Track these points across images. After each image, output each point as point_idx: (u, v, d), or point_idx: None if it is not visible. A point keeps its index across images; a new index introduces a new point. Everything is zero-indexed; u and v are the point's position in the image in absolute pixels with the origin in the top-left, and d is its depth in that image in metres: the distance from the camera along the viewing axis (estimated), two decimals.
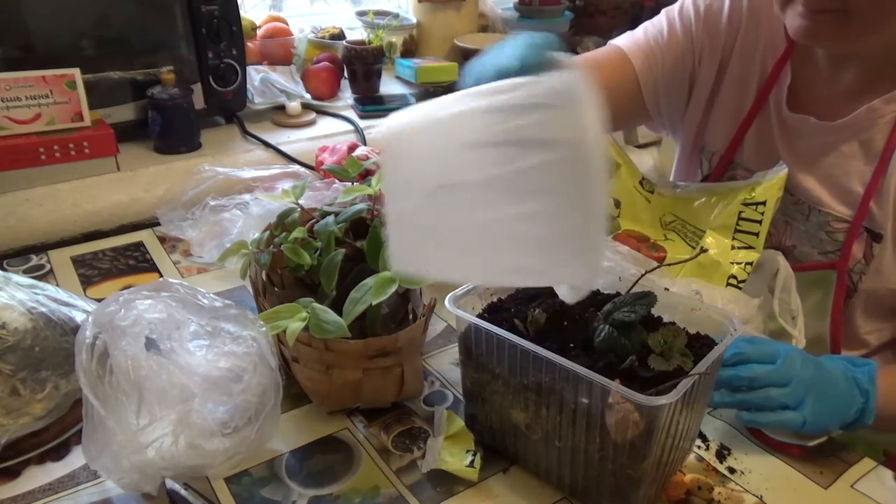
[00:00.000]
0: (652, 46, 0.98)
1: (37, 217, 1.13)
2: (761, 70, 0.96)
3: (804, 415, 0.70)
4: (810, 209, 0.93)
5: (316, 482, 0.70)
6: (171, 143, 1.28)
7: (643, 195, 1.01)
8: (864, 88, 0.89)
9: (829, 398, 0.71)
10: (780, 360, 0.71)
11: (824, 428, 0.72)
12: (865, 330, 0.95)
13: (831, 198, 0.91)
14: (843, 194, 0.90)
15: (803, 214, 0.94)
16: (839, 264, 0.90)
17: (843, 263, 0.90)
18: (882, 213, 0.88)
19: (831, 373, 0.73)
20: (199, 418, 0.65)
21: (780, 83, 0.94)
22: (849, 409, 0.72)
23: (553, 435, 0.66)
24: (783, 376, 0.71)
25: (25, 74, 1.11)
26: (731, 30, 0.97)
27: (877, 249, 0.89)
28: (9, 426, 0.70)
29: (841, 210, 0.91)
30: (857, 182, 0.89)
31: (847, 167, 0.90)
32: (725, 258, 0.90)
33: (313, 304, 0.71)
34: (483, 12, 1.94)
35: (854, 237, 0.89)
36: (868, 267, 0.90)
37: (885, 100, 0.86)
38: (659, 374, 0.61)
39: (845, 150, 0.90)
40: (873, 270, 0.90)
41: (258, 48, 1.60)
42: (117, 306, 0.65)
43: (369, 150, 1.21)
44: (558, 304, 0.71)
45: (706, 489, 0.70)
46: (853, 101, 0.89)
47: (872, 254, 0.89)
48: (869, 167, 0.88)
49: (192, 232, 1.08)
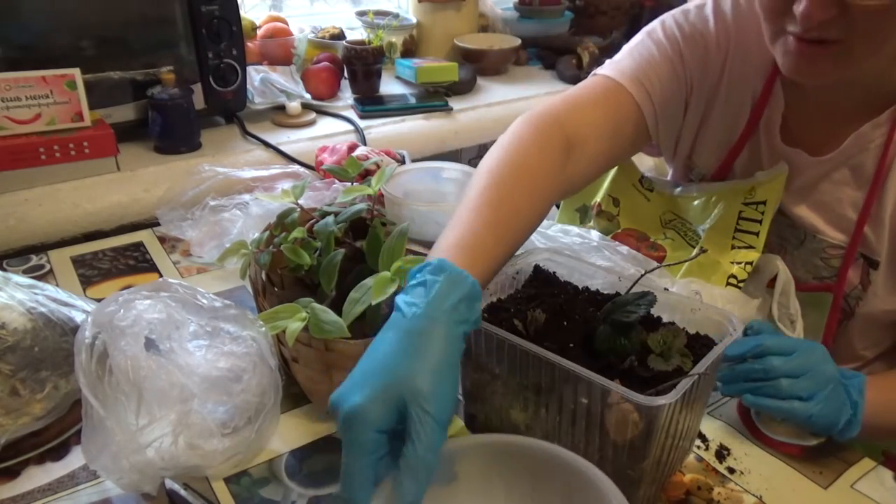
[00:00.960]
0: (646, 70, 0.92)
1: (37, 217, 1.13)
2: (753, 94, 0.93)
3: (812, 408, 0.69)
4: (805, 234, 0.92)
5: (316, 482, 0.70)
6: (171, 143, 1.28)
7: (642, 193, 1.01)
8: (855, 115, 0.86)
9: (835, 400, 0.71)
10: (798, 353, 0.70)
11: (827, 426, 0.71)
12: (862, 346, 0.94)
13: (825, 224, 0.90)
14: (836, 220, 0.89)
15: (798, 239, 0.93)
16: (835, 287, 0.89)
17: (840, 287, 0.89)
18: (878, 239, 0.86)
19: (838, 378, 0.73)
20: (198, 418, 0.65)
21: (772, 108, 0.92)
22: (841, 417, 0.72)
23: (553, 435, 0.66)
24: (798, 367, 0.70)
25: (25, 74, 1.11)
26: (720, 52, 0.92)
27: (874, 276, 0.87)
28: (8, 426, 0.70)
29: (836, 236, 0.89)
30: (850, 208, 0.88)
31: (839, 194, 0.88)
32: (725, 258, 0.90)
33: (313, 304, 0.71)
34: (483, 12, 1.94)
35: (850, 263, 0.87)
36: (865, 292, 0.89)
37: (872, 125, 0.84)
38: (659, 375, 0.61)
39: (836, 178, 0.88)
40: (871, 295, 0.88)
41: (258, 48, 1.60)
42: (117, 306, 0.65)
43: (369, 149, 1.21)
44: (558, 304, 0.71)
45: (706, 489, 0.70)
46: (845, 129, 0.87)
47: (870, 280, 0.88)
48: (861, 192, 0.87)
49: (192, 232, 1.08)
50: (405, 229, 0.76)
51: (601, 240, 0.92)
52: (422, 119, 1.54)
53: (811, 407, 0.69)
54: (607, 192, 0.99)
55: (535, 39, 1.95)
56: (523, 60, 1.93)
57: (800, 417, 0.69)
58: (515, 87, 1.76)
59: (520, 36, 1.89)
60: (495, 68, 1.83)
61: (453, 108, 1.58)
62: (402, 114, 1.53)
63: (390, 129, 1.48)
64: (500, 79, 1.82)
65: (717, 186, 0.95)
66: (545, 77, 1.85)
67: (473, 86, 1.71)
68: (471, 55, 1.79)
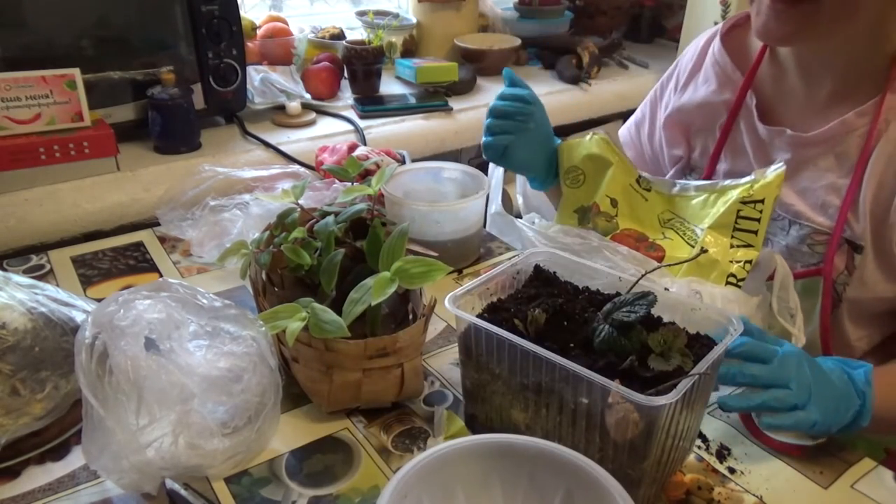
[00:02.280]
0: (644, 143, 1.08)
1: (37, 217, 1.13)
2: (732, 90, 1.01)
3: (813, 414, 0.70)
4: (790, 223, 0.94)
5: (316, 482, 0.70)
6: (171, 143, 1.28)
7: (640, 193, 1.01)
8: (836, 101, 0.90)
9: (827, 399, 0.71)
10: (776, 361, 0.71)
11: (828, 428, 0.72)
12: (854, 337, 0.95)
13: (810, 210, 0.93)
14: (821, 206, 0.92)
15: (783, 229, 0.95)
16: (824, 270, 0.91)
17: (828, 270, 0.91)
18: (860, 225, 0.89)
19: (828, 374, 0.73)
20: (198, 418, 0.65)
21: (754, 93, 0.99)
22: (847, 410, 0.72)
23: (553, 435, 0.66)
24: (779, 377, 0.71)
25: (25, 74, 1.11)
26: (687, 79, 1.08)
27: (858, 260, 0.90)
28: (9, 426, 0.70)
29: (821, 222, 0.92)
30: (834, 194, 0.90)
31: (823, 180, 0.91)
32: (724, 257, 0.90)
33: (313, 304, 0.71)
34: (483, 12, 1.94)
35: (835, 248, 0.90)
36: (851, 277, 0.91)
37: (857, 113, 0.88)
38: (659, 374, 0.61)
39: (821, 164, 0.92)
40: (857, 280, 0.90)
41: (258, 48, 1.60)
42: (117, 306, 0.65)
43: (369, 149, 1.21)
44: (558, 304, 0.71)
45: (706, 489, 0.70)
46: (826, 115, 0.91)
47: (854, 265, 0.90)
48: (844, 180, 0.89)
49: (192, 232, 1.08)
50: (405, 229, 0.76)
51: (601, 241, 0.92)
52: (422, 119, 1.54)
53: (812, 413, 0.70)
54: (605, 193, 1.00)
55: (535, 39, 1.95)
56: (523, 60, 1.93)
57: (807, 426, 0.70)
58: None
59: (520, 36, 1.89)
60: (495, 68, 1.82)
61: (453, 108, 1.58)
62: (402, 114, 1.53)
63: (390, 129, 1.48)
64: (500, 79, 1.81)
65: (715, 185, 0.96)
66: (545, 77, 1.85)
67: (473, 86, 1.71)
68: (471, 55, 1.79)
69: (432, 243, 0.97)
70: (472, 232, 1.05)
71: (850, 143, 0.89)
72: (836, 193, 0.90)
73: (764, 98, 0.99)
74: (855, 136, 0.89)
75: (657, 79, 1.19)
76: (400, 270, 0.72)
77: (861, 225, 0.89)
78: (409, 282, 0.72)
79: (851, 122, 0.88)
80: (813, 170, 0.92)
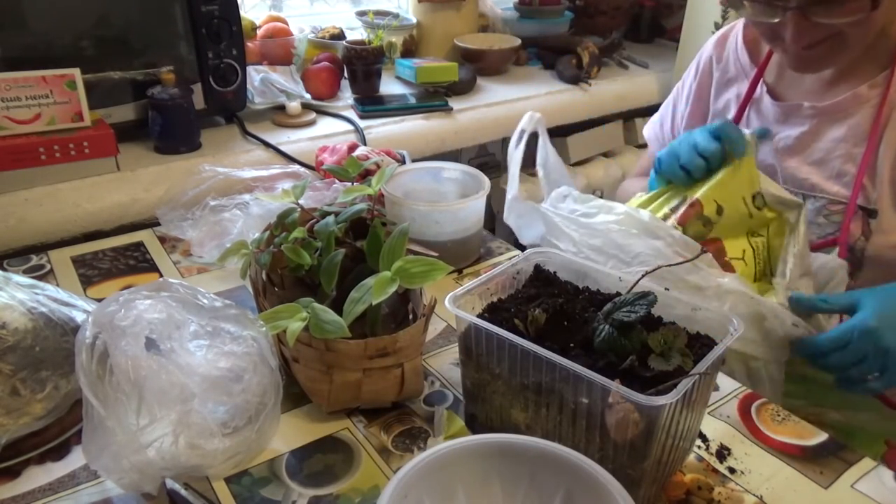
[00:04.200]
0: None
1: (37, 217, 1.13)
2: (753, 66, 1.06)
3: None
4: (805, 197, 0.97)
5: (316, 482, 0.70)
6: (171, 143, 1.28)
7: (749, 210, 0.89)
8: (844, 78, 0.96)
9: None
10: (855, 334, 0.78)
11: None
12: None
13: (825, 180, 0.97)
14: (836, 176, 0.96)
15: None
16: (840, 239, 0.94)
17: (843, 238, 0.94)
18: (875, 191, 0.93)
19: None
20: (199, 418, 0.65)
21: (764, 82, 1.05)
22: None
23: (553, 435, 0.66)
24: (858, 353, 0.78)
25: (25, 74, 1.11)
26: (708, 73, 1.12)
27: (874, 224, 0.93)
28: (9, 426, 0.70)
29: (836, 191, 0.95)
30: (850, 163, 0.95)
31: (838, 150, 0.96)
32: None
33: (313, 304, 0.71)
34: (483, 12, 1.94)
35: (851, 214, 0.93)
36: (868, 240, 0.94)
37: (869, 85, 0.94)
38: (659, 374, 0.61)
39: (835, 135, 0.96)
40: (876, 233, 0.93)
41: (258, 48, 1.60)
42: (117, 306, 0.65)
43: (369, 149, 1.21)
44: (558, 304, 0.71)
45: (706, 489, 0.70)
46: (835, 91, 0.97)
47: (870, 229, 0.94)
48: (859, 149, 0.94)
49: (192, 232, 1.08)
50: (405, 229, 0.76)
51: (651, 219, 0.84)
52: (422, 119, 1.54)
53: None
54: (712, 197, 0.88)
55: (535, 39, 1.95)
56: (523, 60, 1.93)
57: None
58: (515, 87, 1.76)
59: (520, 36, 1.90)
60: (495, 68, 1.83)
61: (453, 108, 1.58)
62: (402, 114, 1.53)
63: (390, 129, 1.49)
64: (500, 79, 1.82)
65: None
66: (545, 77, 1.85)
67: (473, 86, 1.71)
68: (471, 55, 1.79)
69: (432, 243, 0.97)
70: (472, 232, 1.05)
71: (863, 115, 0.94)
72: (851, 162, 0.94)
73: (773, 83, 1.05)
74: (867, 106, 0.94)
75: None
76: (400, 270, 0.72)
77: (877, 190, 0.92)
78: (410, 281, 0.72)
79: (864, 94, 0.94)
80: (826, 141, 0.97)
